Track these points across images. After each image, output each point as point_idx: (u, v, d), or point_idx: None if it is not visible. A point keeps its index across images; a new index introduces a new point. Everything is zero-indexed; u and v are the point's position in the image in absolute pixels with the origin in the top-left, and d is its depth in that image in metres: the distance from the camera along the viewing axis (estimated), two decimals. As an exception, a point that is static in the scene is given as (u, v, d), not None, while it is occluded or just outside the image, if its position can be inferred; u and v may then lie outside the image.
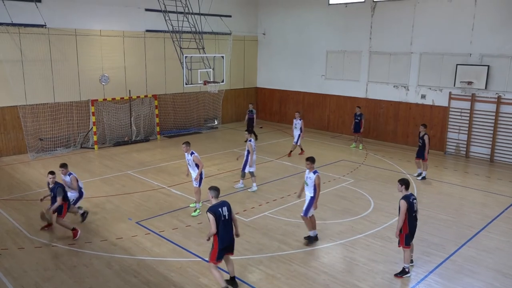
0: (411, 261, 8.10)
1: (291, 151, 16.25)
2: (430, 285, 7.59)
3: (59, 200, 9.08)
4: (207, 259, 8.26)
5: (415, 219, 7.77)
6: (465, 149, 16.61)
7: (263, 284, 7.50)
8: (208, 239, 7.02)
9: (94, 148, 17.16)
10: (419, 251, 8.78)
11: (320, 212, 10.73)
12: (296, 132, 16.01)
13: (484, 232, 9.81)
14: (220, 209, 6.87)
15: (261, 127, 22.08)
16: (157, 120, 19.28)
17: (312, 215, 8.99)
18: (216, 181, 13.01)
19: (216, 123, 22.02)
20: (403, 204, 7.50)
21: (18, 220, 10.15)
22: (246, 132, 12.92)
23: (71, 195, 9.97)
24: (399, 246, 7.82)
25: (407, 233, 7.66)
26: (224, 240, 6.93)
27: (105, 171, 14.09)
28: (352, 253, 8.71)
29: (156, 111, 19.23)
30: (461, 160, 16.24)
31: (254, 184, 12.28)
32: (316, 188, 8.66)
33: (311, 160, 8.77)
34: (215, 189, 7.07)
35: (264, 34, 23.21)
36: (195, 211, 10.56)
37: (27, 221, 10.07)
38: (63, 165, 10.04)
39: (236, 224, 7.23)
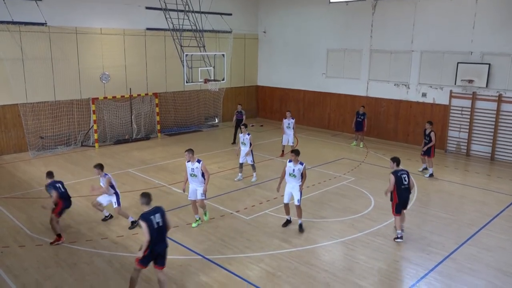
0: (402, 230, 9.16)
1: (283, 151, 15.90)
2: (430, 283, 7.60)
3: (54, 195, 8.80)
4: (204, 255, 8.28)
5: (406, 191, 8.94)
6: (465, 148, 16.60)
7: (264, 282, 7.51)
8: (140, 249, 6.64)
9: (94, 146, 17.17)
10: (419, 249, 8.80)
11: (320, 210, 10.75)
12: (290, 132, 15.46)
13: (485, 230, 9.81)
14: (152, 216, 6.61)
15: (261, 125, 22.10)
16: (157, 118, 19.29)
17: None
18: (217, 179, 13.04)
19: (216, 121, 22.02)
20: (392, 177, 8.84)
21: (19, 218, 10.16)
22: (243, 127, 13.20)
23: (107, 198, 9.61)
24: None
25: (397, 202, 8.91)
26: (155, 248, 6.62)
27: (106, 169, 13.92)
28: (353, 251, 8.72)
29: (157, 109, 19.24)
30: (462, 159, 16.23)
31: (240, 174, 13.07)
32: (304, 177, 9.39)
33: (296, 153, 9.41)
34: (145, 196, 6.77)
35: (264, 32, 23.18)
36: (196, 221, 9.82)
37: (28, 219, 10.09)
38: (97, 166, 9.46)
39: (167, 230, 6.83)
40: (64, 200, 9.11)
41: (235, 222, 10.03)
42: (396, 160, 9.03)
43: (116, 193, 9.71)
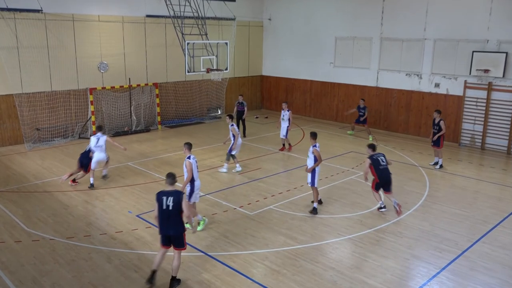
0: (385, 206, 10.38)
1: (283, 145, 15.74)
2: (442, 282, 7.59)
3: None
4: (206, 252, 8.32)
5: (385, 171, 10.18)
6: (480, 141, 16.50)
7: (269, 280, 7.53)
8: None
9: (92, 139, 17.22)
10: (430, 246, 8.78)
11: (327, 206, 10.75)
12: (284, 125, 15.28)
13: (500, 227, 9.77)
14: (164, 197, 6.99)
15: (266, 117, 22.07)
16: (158, 109, 19.30)
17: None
18: (220, 173, 13.06)
19: (219, 112, 22.00)
20: (366, 161, 10.28)
21: (15, 212, 10.23)
22: (227, 117, 13.31)
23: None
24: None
25: (377, 182, 10.24)
26: (162, 228, 7.11)
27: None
28: (361, 248, 8.72)
29: (157, 100, 19.24)
30: (476, 152, 16.15)
31: (238, 165, 13.26)
32: (318, 159, 10.25)
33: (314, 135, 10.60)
34: (169, 176, 7.22)
35: (269, 19, 23.05)
36: (198, 224, 9.42)
37: (24, 214, 10.15)
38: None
39: (189, 219, 7.39)
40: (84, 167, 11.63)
41: (238, 218, 10.05)
42: (371, 147, 10.45)
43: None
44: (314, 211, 10.27)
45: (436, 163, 14.06)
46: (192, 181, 9.12)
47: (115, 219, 9.92)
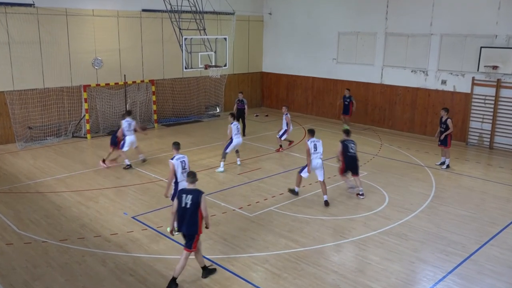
0: (354, 188, 11.49)
1: (290, 142, 15.95)
2: (449, 286, 7.59)
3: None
4: (204, 255, 8.32)
5: (353, 158, 11.20)
6: (488, 140, 16.50)
7: (269, 284, 7.53)
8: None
9: (86, 138, 17.22)
10: (437, 249, 8.79)
11: (330, 207, 10.75)
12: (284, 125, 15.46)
13: (508, 229, 9.77)
14: (184, 195, 7.23)
15: (266, 115, 22.06)
16: (154, 107, 19.29)
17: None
18: (218, 173, 13.05)
19: (218, 110, 22.00)
20: (339, 145, 11.21)
21: (6, 214, 10.23)
22: (230, 116, 13.62)
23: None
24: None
25: (344, 167, 11.28)
26: (178, 225, 7.37)
27: (99, 162, 14.14)
28: (365, 251, 8.72)
29: (154, 98, 19.23)
30: (485, 152, 16.15)
31: (222, 164, 13.41)
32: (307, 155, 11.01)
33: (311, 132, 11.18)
34: (189, 175, 7.41)
35: (270, 14, 23.04)
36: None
37: (16, 215, 10.15)
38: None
39: (206, 220, 7.48)
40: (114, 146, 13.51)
41: (237, 220, 10.05)
42: (346, 132, 11.64)
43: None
44: (292, 191, 11.40)
45: (442, 163, 14.06)
46: (176, 182, 9.06)
47: (109, 221, 9.92)
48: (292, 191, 11.45)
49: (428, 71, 17.76)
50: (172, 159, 9.08)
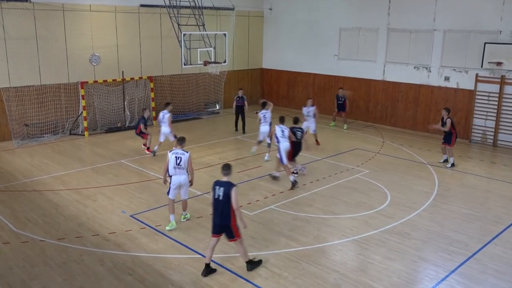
0: (296, 173, 12.42)
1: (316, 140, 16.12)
2: (452, 286, 7.61)
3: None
4: (204, 254, 8.33)
5: (298, 144, 12.27)
6: (492, 137, 16.51)
7: (269, 284, 7.55)
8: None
9: (84, 135, 17.23)
10: (439, 248, 8.80)
11: (331, 206, 10.77)
12: (311, 120, 15.86)
13: (512, 228, 9.80)
14: (217, 187, 7.62)
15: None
16: (153, 104, 19.29)
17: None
18: (217, 171, 13.01)
19: (217, 107, 22.00)
20: (287, 131, 12.08)
21: (3, 212, 10.25)
22: (262, 105, 14.88)
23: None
24: None
25: (291, 152, 12.16)
26: (213, 216, 7.71)
27: (97, 159, 14.16)
28: (366, 250, 8.74)
29: (152, 95, 19.23)
30: (488, 149, 16.16)
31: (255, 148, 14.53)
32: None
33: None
34: (224, 168, 7.80)
35: (270, 9, 23.02)
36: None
37: (13, 214, 10.17)
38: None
39: (237, 214, 7.62)
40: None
41: (237, 218, 10.06)
42: (294, 120, 12.57)
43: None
44: (274, 177, 12.32)
45: (445, 161, 14.07)
46: (170, 176, 9.38)
47: (107, 220, 9.94)
48: (274, 177, 12.35)
49: (431, 68, 17.76)
50: (170, 151, 9.34)
